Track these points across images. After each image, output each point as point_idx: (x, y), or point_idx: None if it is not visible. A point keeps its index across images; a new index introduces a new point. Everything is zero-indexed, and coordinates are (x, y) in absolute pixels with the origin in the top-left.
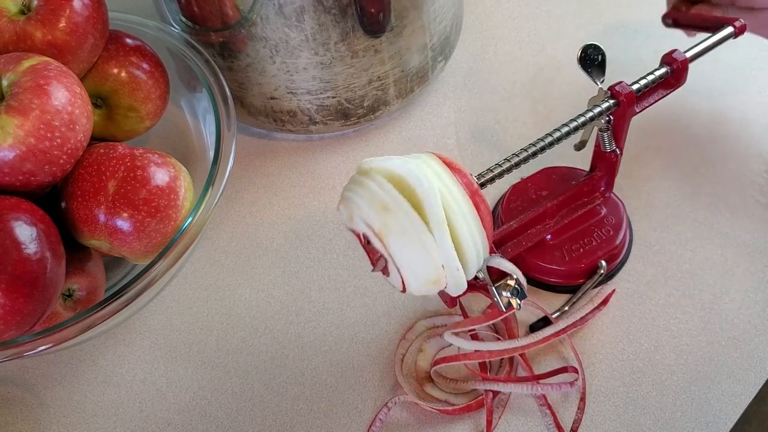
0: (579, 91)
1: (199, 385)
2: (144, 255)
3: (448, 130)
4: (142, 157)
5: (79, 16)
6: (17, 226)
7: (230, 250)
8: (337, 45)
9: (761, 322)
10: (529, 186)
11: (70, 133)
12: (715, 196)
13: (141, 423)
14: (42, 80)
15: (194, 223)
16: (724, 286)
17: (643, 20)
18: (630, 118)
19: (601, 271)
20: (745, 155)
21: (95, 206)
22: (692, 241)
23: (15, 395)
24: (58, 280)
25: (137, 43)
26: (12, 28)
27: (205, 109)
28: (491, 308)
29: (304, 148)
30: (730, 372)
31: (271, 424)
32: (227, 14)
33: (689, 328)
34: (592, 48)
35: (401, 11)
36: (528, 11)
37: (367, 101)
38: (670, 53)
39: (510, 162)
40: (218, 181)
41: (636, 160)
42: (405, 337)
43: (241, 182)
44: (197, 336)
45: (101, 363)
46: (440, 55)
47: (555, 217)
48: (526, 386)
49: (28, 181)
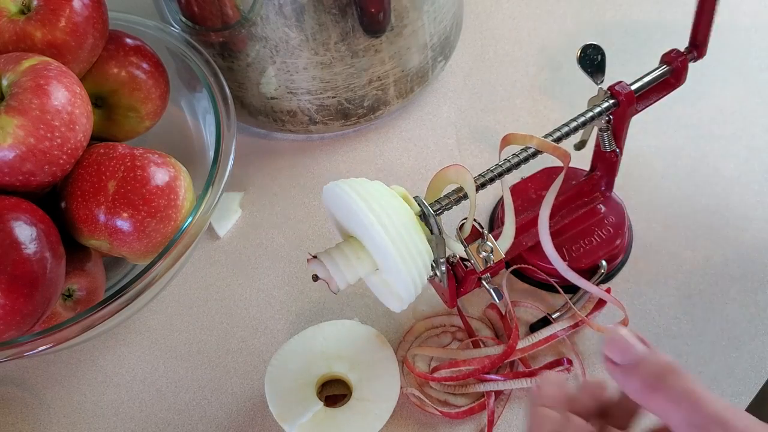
0: (579, 91)
1: (199, 385)
2: (144, 255)
3: (448, 130)
4: (142, 157)
5: (79, 16)
6: (17, 226)
7: (230, 250)
8: (337, 45)
9: (761, 322)
10: (529, 186)
11: (70, 133)
12: (716, 196)
13: (141, 423)
14: (42, 80)
15: (194, 223)
16: (724, 286)
17: (643, 20)
18: (630, 118)
19: (601, 271)
20: (746, 155)
21: (95, 206)
22: (692, 241)
23: (15, 395)
24: (58, 280)
25: (137, 43)
26: (12, 28)
27: (205, 109)
28: (491, 308)
29: (304, 148)
30: (730, 372)
31: (271, 424)
32: (227, 14)
33: (689, 328)
34: (592, 48)
35: (401, 11)
36: (528, 11)
37: (367, 101)
38: (670, 53)
39: (510, 162)
40: (218, 181)
41: (636, 160)
42: (404, 339)
43: (241, 182)
44: (197, 336)
45: (101, 363)
46: (440, 55)
47: (555, 217)
48: (524, 380)
49: (28, 181)
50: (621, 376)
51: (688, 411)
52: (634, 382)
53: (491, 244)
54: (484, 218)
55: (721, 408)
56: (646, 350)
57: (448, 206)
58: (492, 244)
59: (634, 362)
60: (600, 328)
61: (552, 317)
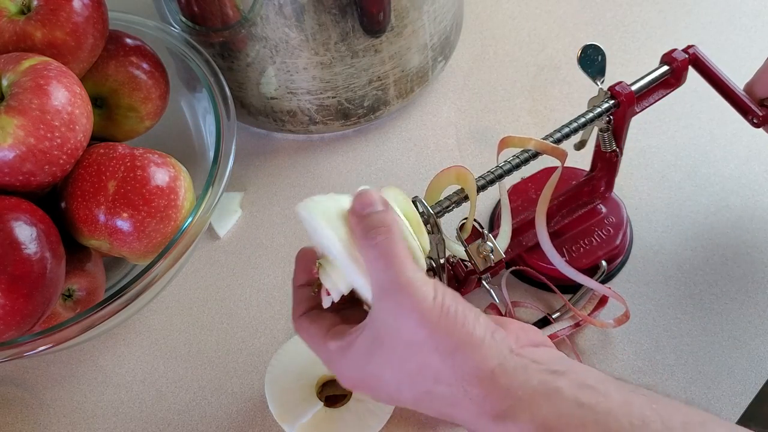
0: (579, 91)
1: (199, 385)
2: (144, 255)
3: (448, 130)
4: (142, 157)
5: (79, 16)
6: (17, 226)
7: (230, 250)
8: (337, 45)
9: (761, 322)
10: (529, 186)
11: (70, 133)
12: (716, 196)
13: (141, 423)
14: (42, 80)
15: (194, 223)
16: (724, 286)
17: (643, 20)
18: (630, 118)
19: (601, 271)
20: (746, 155)
21: (95, 206)
22: (692, 241)
23: (15, 395)
24: (58, 280)
25: (137, 43)
26: (12, 28)
27: (205, 109)
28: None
29: (304, 148)
30: (730, 372)
31: (272, 424)
32: (227, 14)
33: (689, 328)
34: (592, 48)
35: (401, 11)
36: (528, 11)
37: (367, 101)
38: (670, 53)
39: (510, 163)
40: (218, 181)
41: (636, 160)
42: None
43: (241, 182)
44: (197, 336)
45: (101, 363)
46: (440, 55)
47: (555, 217)
48: None
49: (28, 181)
50: (355, 219)
51: (381, 270)
52: (360, 227)
53: (491, 244)
54: (484, 219)
55: (405, 279)
56: (381, 208)
57: (449, 208)
58: (492, 244)
59: (366, 214)
60: (602, 324)
61: (552, 317)
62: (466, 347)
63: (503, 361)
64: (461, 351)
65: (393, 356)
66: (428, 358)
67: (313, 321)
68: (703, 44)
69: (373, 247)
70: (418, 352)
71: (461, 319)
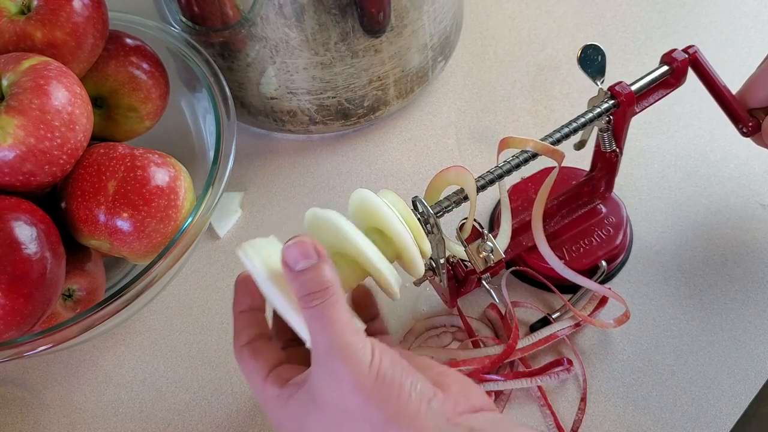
0: (579, 91)
1: (199, 385)
2: (144, 255)
3: (448, 130)
4: (142, 157)
5: (79, 16)
6: (17, 226)
7: (230, 250)
8: (337, 45)
9: (761, 322)
10: (529, 186)
11: (70, 133)
12: (716, 196)
13: (141, 423)
14: (42, 80)
15: (194, 223)
16: (724, 287)
17: (643, 20)
18: (630, 118)
19: (601, 272)
20: (746, 155)
21: (95, 206)
22: (692, 241)
23: (15, 395)
24: (58, 280)
25: (137, 43)
26: (12, 28)
27: (205, 109)
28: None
29: (304, 148)
30: (730, 372)
31: (271, 424)
32: (227, 14)
33: (689, 328)
34: (592, 48)
35: (401, 11)
36: (528, 11)
37: (367, 101)
38: (670, 53)
39: (510, 164)
40: (218, 181)
41: (636, 160)
42: (404, 339)
43: (241, 182)
44: (197, 336)
45: (101, 363)
46: (440, 55)
47: (555, 217)
48: (525, 380)
49: (28, 181)
50: (289, 276)
51: (318, 333)
52: (295, 287)
53: (491, 244)
54: (484, 219)
55: (342, 343)
56: (314, 260)
57: (449, 208)
58: (492, 244)
59: (300, 270)
60: (602, 324)
61: (552, 317)
62: (399, 420)
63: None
64: (394, 424)
65: (327, 419)
66: (361, 427)
67: (255, 355)
68: (703, 44)
69: (310, 309)
70: (351, 419)
71: (396, 390)
